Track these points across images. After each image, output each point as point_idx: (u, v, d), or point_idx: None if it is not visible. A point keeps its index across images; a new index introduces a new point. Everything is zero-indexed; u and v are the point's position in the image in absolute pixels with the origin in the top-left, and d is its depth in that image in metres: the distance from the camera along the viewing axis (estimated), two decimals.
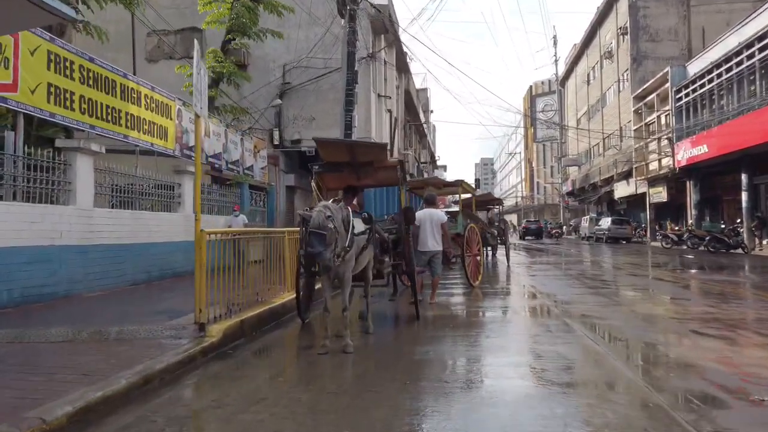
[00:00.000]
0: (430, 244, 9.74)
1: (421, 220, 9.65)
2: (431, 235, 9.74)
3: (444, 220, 10.03)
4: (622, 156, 41.60)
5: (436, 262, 9.91)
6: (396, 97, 28.95)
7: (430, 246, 9.74)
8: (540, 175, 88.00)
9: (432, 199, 10.55)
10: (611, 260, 20.84)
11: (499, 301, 10.41)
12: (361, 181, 9.28)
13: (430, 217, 9.81)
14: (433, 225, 9.77)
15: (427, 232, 9.74)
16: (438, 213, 10.23)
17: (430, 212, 9.94)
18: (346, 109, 15.78)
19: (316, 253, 5.65)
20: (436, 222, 9.82)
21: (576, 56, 57.93)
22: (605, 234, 39.08)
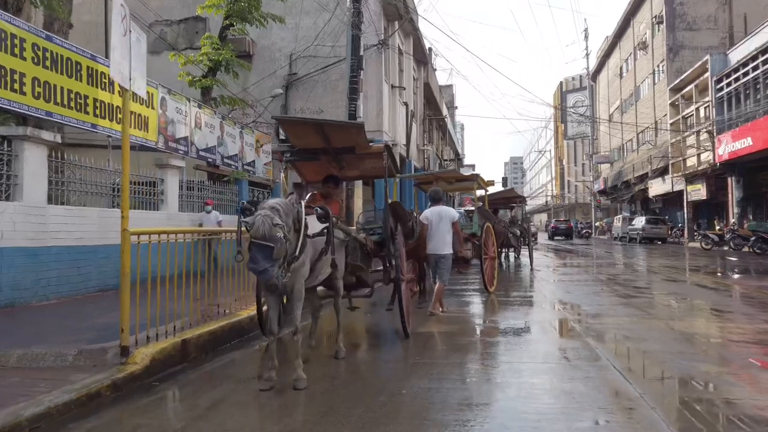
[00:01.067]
0: (442, 246, 8.64)
1: (430, 219, 8.62)
2: (445, 236, 8.65)
3: (456, 218, 8.87)
4: (658, 152, 39.47)
5: (443, 267, 8.70)
6: (414, 89, 27.49)
7: (441, 249, 8.64)
8: (570, 173, 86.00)
9: (438, 196, 9.20)
10: (646, 263, 19.07)
11: (512, 313, 8.90)
12: (345, 173, 7.91)
13: (439, 216, 8.67)
14: (444, 225, 8.65)
15: (439, 233, 8.63)
16: (449, 210, 9.01)
17: (439, 210, 8.78)
18: (350, 97, 14.44)
19: (259, 271, 4.31)
20: (447, 221, 8.67)
21: (608, 49, 55.69)
22: (639, 234, 37.05)
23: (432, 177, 13.34)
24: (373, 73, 18.87)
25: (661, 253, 24.79)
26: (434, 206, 8.89)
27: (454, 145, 47.45)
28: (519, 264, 18.79)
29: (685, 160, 34.42)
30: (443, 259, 8.62)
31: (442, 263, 8.63)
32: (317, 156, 6.96)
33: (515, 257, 20.95)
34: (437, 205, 8.90)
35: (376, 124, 18.87)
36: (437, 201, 9.03)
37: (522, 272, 16.21)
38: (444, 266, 8.65)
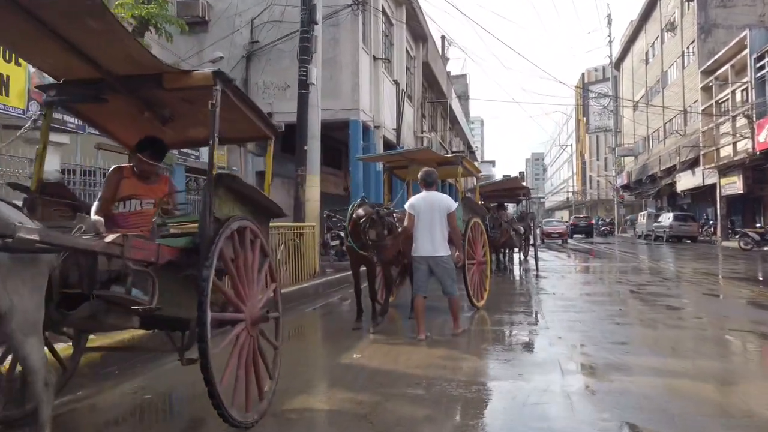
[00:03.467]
0: (435, 245, 6.50)
1: (418, 209, 6.59)
2: (436, 232, 6.52)
3: (453, 209, 6.65)
4: (687, 141, 35.82)
5: (445, 274, 6.58)
6: (411, 68, 24.40)
7: (434, 249, 6.50)
8: (592, 168, 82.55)
9: (431, 179, 6.84)
10: (677, 267, 15.79)
11: (481, 355, 5.82)
12: (171, 133, 4.76)
13: (430, 206, 6.57)
14: (437, 217, 6.53)
15: (428, 228, 6.53)
16: (444, 199, 6.76)
17: (431, 197, 6.67)
18: (299, 58, 11.44)
19: None
20: (441, 212, 6.55)
21: (633, 33, 51.91)
22: (666, 232, 33.55)
23: (401, 157, 10.23)
24: (348, 40, 15.85)
25: (692, 255, 21.40)
26: (425, 191, 6.70)
27: (465, 137, 44.19)
28: (527, 269, 15.61)
29: (719, 150, 30.80)
30: (441, 263, 6.50)
31: (440, 269, 6.52)
32: (100, 93, 3.89)
33: (521, 259, 17.78)
34: (429, 191, 6.70)
35: (352, 100, 15.85)
36: (430, 186, 6.76)
37: (524, 280, 13.10)
38: (444, 272, 6.54)
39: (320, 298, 10.06)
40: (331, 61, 15.90)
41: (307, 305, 9.15)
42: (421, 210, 6.49)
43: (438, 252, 6.42)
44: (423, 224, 6.46)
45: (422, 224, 6.46)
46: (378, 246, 6.77)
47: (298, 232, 10.88)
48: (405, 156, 10.08)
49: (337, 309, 9.40)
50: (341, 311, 9.17)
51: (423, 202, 6.55)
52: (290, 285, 9.97)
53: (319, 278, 11.18)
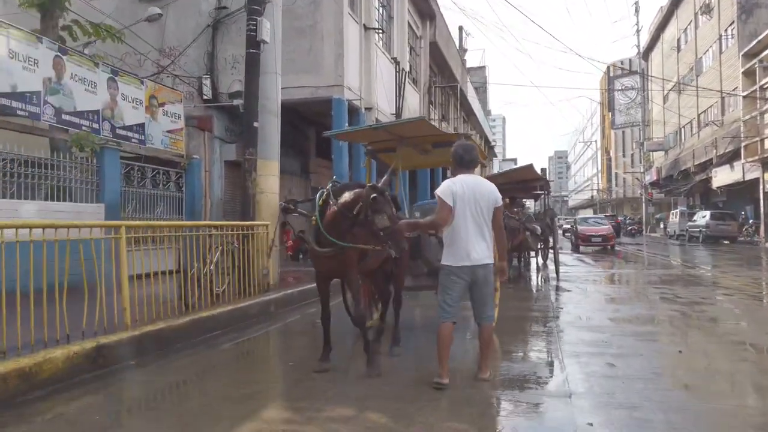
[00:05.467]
0: (482, 250, 4.50)
1: (457, 197, 4.46)
2: (485, 232, 4.54)
3: (500, 203, 4.65)
4: (725, 133, 32.64)
5: (488, 292, 4.57)
6: (416, 48, 21.82)
7: (481, 256, 4.48)
8: (618, 164, 79.57)
9: (471, 156, 4.69)
10: (729, 275, 12.98)
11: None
12: None
13: (476, 194, 4.51)
14: (485, 211, 4.52)
15: (474, 226, 4.49)
16: (490, 187, 4.67)
17: (475, 184, 4.58)
18: (247, 7, 8.98)
19: None
20: (489, 204, 4.54)
21: (663, 20, 48.63)
22: (702, 232, 30.52)
23: (386, 134, 7.60)
24: (331, 3, 13.31)
25: (739, 259, 18.50)
26: (462, 174, 4.61)
27: (481, 129, 41.40)
28: (546, 277, 12.95)
29: (763, 141, 27.71)
30: (489, 276, 4.53)
31: (484, 286, 4.51)
32: None
33: (540, 265, 15.10)
34: (469, 174, 4.63)
35: (335, 75, 13.32)
36: (470, 165, 4.67)
37: (541, 294, 10.48)
38: (488, 289, 4.54)
39: (269, 320, 7.61)
40: (311, 29, 13.42)
41: (238, 333, 6.66)
42: (464, 199, 4.40)
43: (484, 260, 4.45)
44: (467, 220, 4.41)
45: (465, 220, 4.41)
46: (393, 233, 4.54)
47: (246, 233, 8.41)
48: (391, 131, 7.49)
49: (290, 339, 6.91)
50: (294, 344, 6.69)
51: (465, 188, 4.43)
52: (230, 303, 7.51)
53: (273, 292, 8.69)
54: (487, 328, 4.51)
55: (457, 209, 4.39)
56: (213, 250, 7.81)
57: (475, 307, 4.52)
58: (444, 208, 4.43)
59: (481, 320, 4.51)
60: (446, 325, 4.40)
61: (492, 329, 4.53)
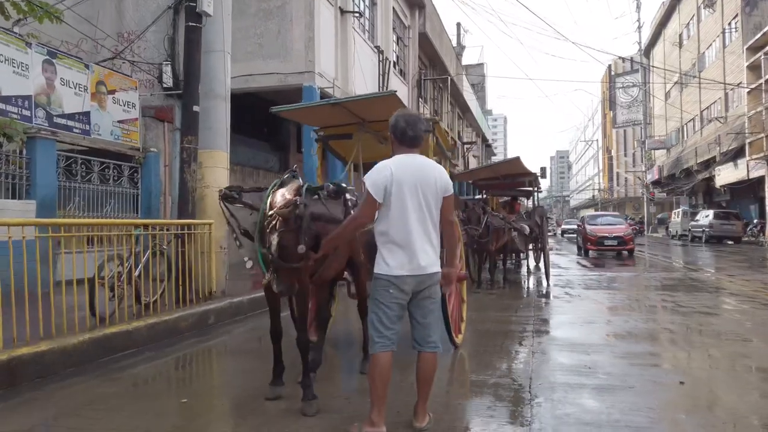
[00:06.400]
0: (426, 254, 3.40)
1: (393, 185, 3.38)
2: (429, 230, 3.43)
3: (451, 190, 3.53)
4: (729, 129, 31.50)
5: (433, 309, 3.53)
6: (404, 38, 20.73)
7: (425, 262, 3.38)
8: (620, 164, 78.81)
9: (415, 132, 3.50)
10: (736, 278, 11.84)
11: None
12: None
13: (418, 180, 3.42)
14: (431, 201, 3.44)
15: (414, 222, 3.39)
16: (437, 170, 3.54)
17: (418, 165, 3.47)
18: None
19: None
20: (436, 193, 3.45)
21: (664, 15, 47.56)
22: (705, 232, 29.40)
23: (344, 113, 6.51)
24: None
25: (744, 260, 17.36)
26: (404, 155, 3.51)
27: (478, 127, 40.26)
28: (538, 281, 11.88)
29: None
30: (434, 288, 3.49)
31: (427, 301, 3.48)
32: None
33: (530, 268, 13.98)
34: (412, 154, 3.53)
35: (305, 61, 12.22)
36: (413, 142, 3.54)
37: (527, 299, 9.38)
38: (433, 306, 3.51)
39: (205, 335, 6.52)
40: (279, 10, 12.35)
41: (156, 352, 5.57)
42: (402, 187, 3.35)
43: (431, 267, 3.39)
44: (407, 215, 3.35)
45: (406, 215, 3.35)
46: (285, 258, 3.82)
47: (182, 233, 7.33)
48: (353, 110, 6.41)
49: (222, 360, 5.81)
50: (224, 366, 5.60)
51: (405, 172, 3.38)
52: (157, 314, 6.44)
53: (216, 301, 7.60)
54: (430, 359, 3.40)
55: (394, 201, 3.33)
56: (135, 252, 6.71)
57: (416, 328, 3.42)
58: (367, 201, 3.39)
59: (421, 346, 3.40)
60: (382, 356, 3.32)
61: (435, 360, 3.42)
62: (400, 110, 3.73)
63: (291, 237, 3.74)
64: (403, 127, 3.44)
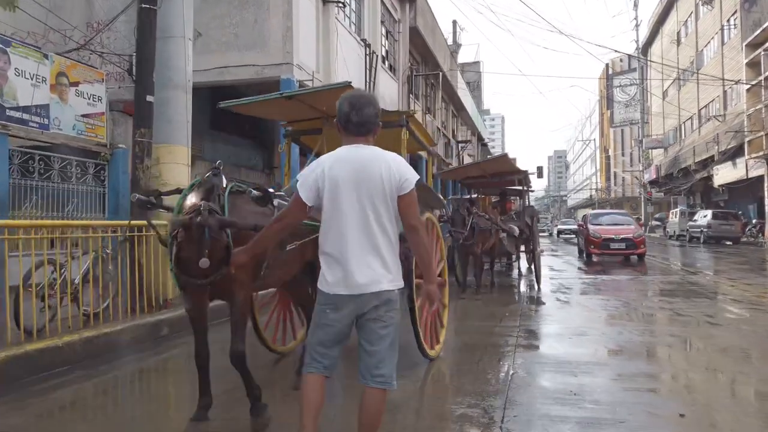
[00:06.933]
0: (371, 267, 2.71)
1: (326, 183, 2.76)
2: (376, 237, 2.73)
3: (408, 187, 2.75)
4: (728, 128, 30.90)
5: (384, 335, 2.75)
6: (393, 32, 20.09)
7: (371, 277, 2.70)
8: (617, 164, 78.55)
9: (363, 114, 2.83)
10: (738, 282, 11.21)
11: None
12: None
13: (356, 178, 2.73)
14: (379, 202, 2.72)
15: (355, 227, 2.73)
16: (384, 164, 2.78)
17: (355, 159, 2.77)
18: None
19: None
20: (382, 193, 2.73)
21: (662, 12, 46.96)
22: (704, 232, 28.77)
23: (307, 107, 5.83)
24: None
25: (744, 262, 16.75)
26: (347, 147, 2.87)
27: (473, 125, 39.61)
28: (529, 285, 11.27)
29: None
30: (384, 309, 2.75)
31: (377, 324, 2.75)
32: None
33: (521, 271, 13.33)
34: (356, 145, 2.86)
35: (283, 53, 11.56)
36: (359, 130, 2.87)
37: (514, 306, 8.73)
38: (384, 331, 2.76)
39: (152, 349, 5.86)
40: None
41: (90, 371, 4.91)
42: (338, 185, 2.76)
43: (376, 285, 2.73)
44: (344, 219, 2.75)
45: (342, 220, 2.76)
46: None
47: (135, 235, 6.67)
48: (310, 103, 5.75)
49: (160, 379, 5.15)
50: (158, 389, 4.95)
51: (344, 167, 2.79)
52: (107, 325, 5.80)
53: (170, 310, 6.93)
54: (375, 397, 2.72)
55: (327, 204, 2.74)
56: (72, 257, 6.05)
57: (361, 357, 2.77)
58: (294, 201, 2.83)
59: (365, 380, 2.74)
60: (311, 379, 2.77)
61: (383, 399, 2.75)
62: (348, 92, 3.10)
63: (192, 249, 3.17)
64: (347, 111, 2.81)
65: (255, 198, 3.71)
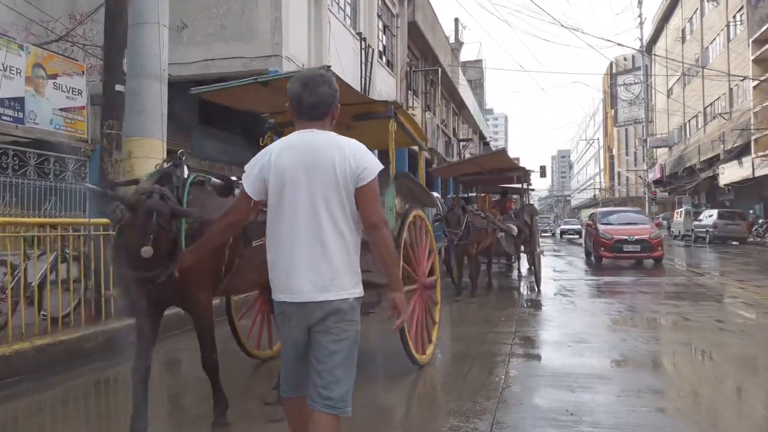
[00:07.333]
0: (319, 274, 2.29)
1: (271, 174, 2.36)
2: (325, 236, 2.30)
3: (372, 174, 2.34)
4: (734, 126, 30.32)
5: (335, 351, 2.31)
6: (391, 27, 19.62)
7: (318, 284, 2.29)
8: (621, 163, 78.00)
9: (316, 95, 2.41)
10: (748, 284, 10.70)
11: None
12: None
13: (304, 167, 2.33)
14: (323, 199, 2.32)
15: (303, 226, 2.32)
16: (338, 151, 2.34)
17: (304, 146, 2.36)
18: None
19: None
20: (335, 184, 2.32)
21: (667, 9, 46.38)
22: (709, 232, 28.16)
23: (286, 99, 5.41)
24: None
25: (752, 263, 16.24)
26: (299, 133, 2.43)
27: (475, 124, 39.10)
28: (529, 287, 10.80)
29: None
30: (328, 320, 2.30)
31: (327, 338, 2.31)
32: None
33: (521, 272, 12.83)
34: (308, 131, 2.41)
35: (271, 44, 11.10)
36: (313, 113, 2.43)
37: (511, 310, 8.22)
38: (336, 347, 2.31)
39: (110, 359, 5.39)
40: None
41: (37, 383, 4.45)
42: (284, 176, 2.36)
43: (325, 293, 2.31)
44: (280, 216, 2.38)
45: (279, 216, 2.39)
46: None
47: (101, 234, 6.19)
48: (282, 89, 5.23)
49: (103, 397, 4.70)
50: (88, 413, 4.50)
51: (291, 155, 2.38)
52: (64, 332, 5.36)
53: None
54: (323, 422, 2.27)
55: (272, 197, 2.37)
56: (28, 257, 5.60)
57: (311, 375, 2.34)
58: (239, 196, 2.54)
59: (314, 402, 2.29)
60: (286, 402, 2.53)
61: (333, 426, 2.27)
62: (301, 71, 2.70)
63: (135, 235, 2.75)
64: (298, 91, 2.41)
65: (215, 186, 3.35)
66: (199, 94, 5.50)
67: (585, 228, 20.30)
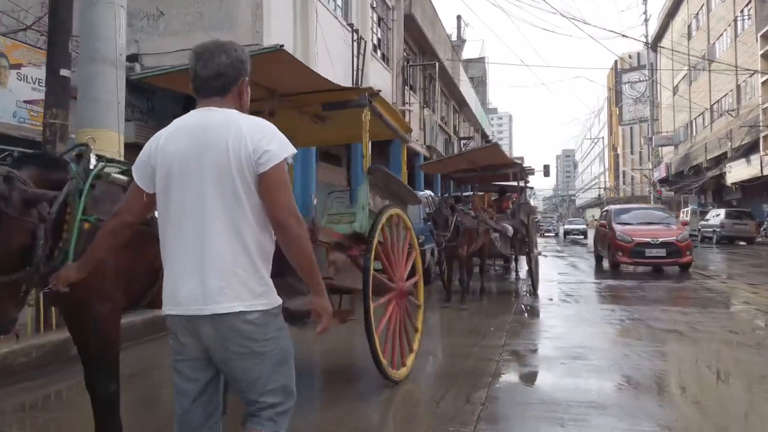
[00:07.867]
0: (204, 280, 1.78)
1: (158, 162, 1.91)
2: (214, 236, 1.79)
3: (274, 161, 1.82)
4: (741, 123, 29.54)
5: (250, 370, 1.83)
6: (387, 20, 18.96)
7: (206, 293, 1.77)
8: (626, 162, 77.41)
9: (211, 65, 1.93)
10: (761, 288, 9.98)
11: None
12: None
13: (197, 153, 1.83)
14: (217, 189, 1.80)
15: (187, 227, 1.82)
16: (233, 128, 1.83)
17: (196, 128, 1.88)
18: None
19: None
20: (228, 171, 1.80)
21: (672, 6, 45.57)
22: (717, 232, 27.48)
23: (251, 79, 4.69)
24: None
25: (763, 264, 15.51)
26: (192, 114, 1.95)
27: (476, 122, 38.38)
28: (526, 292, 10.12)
29: None
30: (225, 336, 1.78)
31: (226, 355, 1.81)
32: None
33: (519, 275, 12.15)
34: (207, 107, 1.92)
35: (252, 34, 10.44)
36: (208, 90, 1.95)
37: (503, 318, 7.54)
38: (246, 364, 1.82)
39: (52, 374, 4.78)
40: None
41: None
42: (173, 164, 1.86)
43: (214, 304, 1.76)
44: (166, 210, 1.88)
45: (165, 210, 1.89)
46: None
47: None
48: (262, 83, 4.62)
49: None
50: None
51: (174, 139, 1.90)
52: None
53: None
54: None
55: (159, 188, 1.92)
56: None
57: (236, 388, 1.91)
58: (129, 191, 2.09)
59: (247, 419, 1.87)
60: None
61: None
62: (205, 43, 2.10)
63: None
64: (192, 65, 1.96)
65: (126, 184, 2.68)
66: (141, 78, 4.93)
67: (595, 228, 17.85)
